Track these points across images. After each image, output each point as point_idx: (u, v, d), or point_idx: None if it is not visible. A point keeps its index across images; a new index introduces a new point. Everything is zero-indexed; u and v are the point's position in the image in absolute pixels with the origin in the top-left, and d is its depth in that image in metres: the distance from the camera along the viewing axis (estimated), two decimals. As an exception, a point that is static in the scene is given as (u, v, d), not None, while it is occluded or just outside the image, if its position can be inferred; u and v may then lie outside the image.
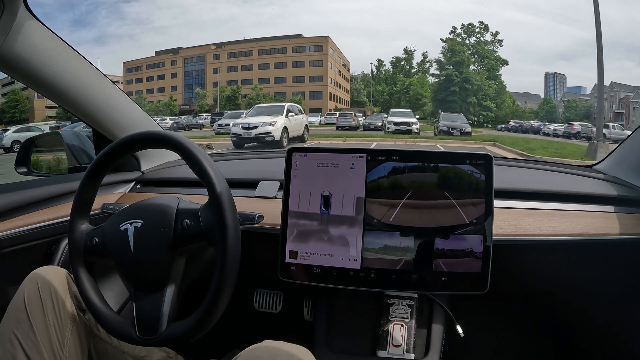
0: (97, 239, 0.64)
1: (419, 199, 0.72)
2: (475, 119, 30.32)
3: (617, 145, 0.99)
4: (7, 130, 14.23)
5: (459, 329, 0.79)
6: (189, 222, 0.61)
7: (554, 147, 11.87)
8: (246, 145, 9.89)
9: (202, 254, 0.68)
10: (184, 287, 0.65)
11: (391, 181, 0.73)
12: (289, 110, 10.79)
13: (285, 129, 10.08)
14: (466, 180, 0.72)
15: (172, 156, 1.16)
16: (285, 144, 9.72)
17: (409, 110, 20.96)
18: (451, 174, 0.72)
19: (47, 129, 11.54)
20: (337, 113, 22.99)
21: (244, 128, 9.87)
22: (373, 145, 6.06)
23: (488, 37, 33.09)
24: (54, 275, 0.66)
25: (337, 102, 36.88)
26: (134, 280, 0.63)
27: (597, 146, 8.90)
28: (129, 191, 1.03)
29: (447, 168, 0.72)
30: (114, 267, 0.64)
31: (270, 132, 9.67)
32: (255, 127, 9.73)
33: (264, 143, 9.69)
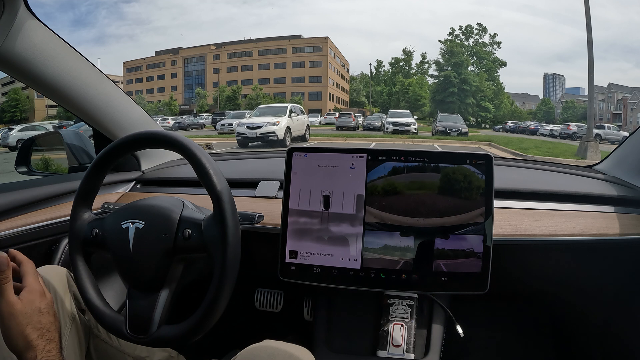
0: (97, 231, 0.64)
1: (419, 198, 0.73)
2: (474, 119, 30.40)
3: (616, 146, 0.99)
4: (13, 129, 14.30)
5: (459, 329, 0.79)
6: (190, 232, 0.61)
7: (546, 147, 12.03)
8: (250, 144, 10.17)
9: (201, 261, 0.68)
10: (180, 290, 0.65)
11: (391, 181, 0.73)
12: (291, 111, 11.09)
13: (288, 128, 10.35)
14: (466, 180, 0.72)
15: (173, 156, 1.16)
16: (288, 143, 9.97)
17: (408, 111, 21.07)
18: (451, 174, 0.72)
19: (50, 128, 11.57)
20: (337, 113, 23.05)
21: (248, 128, 10.15)
22: (372, 145, 6.08)
23: (486, 38, 33.21)
24: (53, 274, 0.66)
25: (336, 102, 36.93)
26: (130, 279, 0.63)
27: (587, 145, 9.18)
28: (129, 191, 1.03)
29: (447, 168, 0.73)
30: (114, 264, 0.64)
31: (274, 132, 9.97)
32: (260, 127, 10.02)
33: (268, 142, 9.93)
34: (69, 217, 0.66)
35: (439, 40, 34.11)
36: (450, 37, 33.33)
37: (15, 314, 0.48)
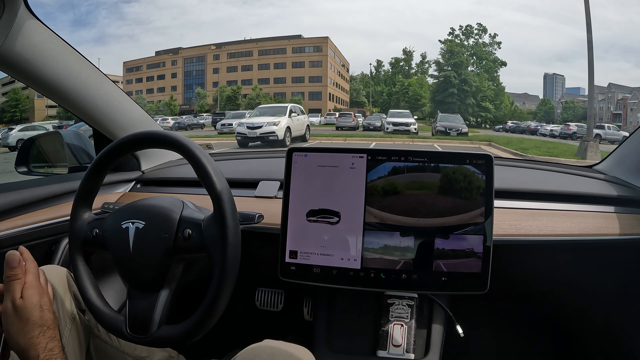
0: (97, 231, 0.64)
1: (419, 198, 0.73)
2: (474, 119, 30.39)
3: (616, 145, 0.99)
4: (13, 129, 14.32)
5: (459, 329, 0.79)
6: (190, 232, 0.61)
7: (546, 147, 12.01)
8: (250, 144, 10.18)
9: (201, 261, 0.68)
10: (180, 290, 0.65)
11: (391, 181, 0.73)
12: (291, 111, 11.12)
13: (288, 128, 10.37)
14: (466, 180, 0.72)
15: (173, 156, 1.16)
16: (288, 143, 9.99)
17: (408, 111, 21.08)
18: (451, 174, 0.72)
19: (50, 128, 11.56)
20: (337, 113, 23.06)
21: (248, 128, 10.17)
22: (372, 145, 6.08)
23: (486, 38, 33.20)
24: (53, 274, 0.66)
25: (336, 102, 36.92)
26: (130, 279, 0.63)
27: (587, 145, 9.21)
28: (129, 191, 1.03)
29: (447, 168, 0.72)
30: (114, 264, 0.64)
31: (274, 132, 9.99)
32: (260, 127, 10.04)
33: (268, 142, 9.94)
34: (69, 217, 0.66)
35: (439, 40, 34.15)
36: (450, 37, 33.35)
37: (18, 311, 0.49)
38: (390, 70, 38.31)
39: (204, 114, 26.26)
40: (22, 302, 0.49)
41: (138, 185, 1.05)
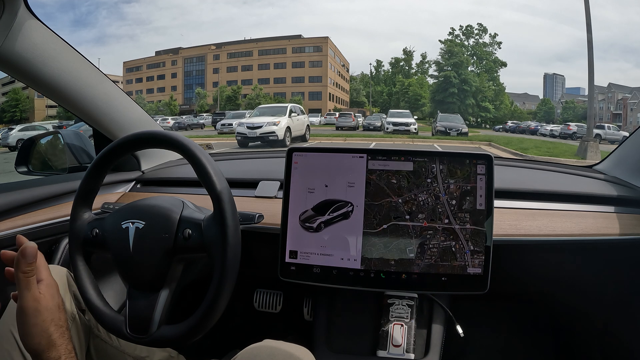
0: (97, 231, 0.64)
1: (419, 198, 0.73)
2: (474, 119, 30.39)
3: (616, 145, 0.99)
4: (13, 129, 14.33)
5: (459, 329, 0.79)
6: (190, 232, 0.61)
7: (546, 147, 12.02)
8: (250, 144, 10.20)
9: (201, 261, 0.68)
10: (180, 290, 0.65)
11: (391, 181, 0.73)
12: (291, 111, 11.15)
13: (288, 128, 10.40)
14: (466, 180, 0.72)
15: (173, 156, 1.16)
16: (288, 143, 10.01)
17: (408, 111, 21.09)
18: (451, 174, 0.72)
19: (50, 128, 11.56)
20: (337, 113, 23.07)
21: (248, 128, 10.19)
22: (372, 145, 6.09)
23: (487, 39, 33.19)
24: (53, 274, 0.66)
25: (336, 102, 36.92)
26: (130, 279, 0.63)
27: (587, 145, 9.24)
28: (129, 191, 1.03)
29: (447, 168, 0.72)
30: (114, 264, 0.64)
31: (274, 132, 10.01)
32: (260, 127, 10.06)
33: (268, 142, 9.96)
34: (69, 217, 0.66)
35: (439, 40, 34.19)
36: (450, 37, 33.37)
37: (41, 309, 0.46)
38: (390, 70, 38.34)
39: (204, 114, 26.26)
40: (46, 301, 0.46)
41: (138, 185, 1.05)
